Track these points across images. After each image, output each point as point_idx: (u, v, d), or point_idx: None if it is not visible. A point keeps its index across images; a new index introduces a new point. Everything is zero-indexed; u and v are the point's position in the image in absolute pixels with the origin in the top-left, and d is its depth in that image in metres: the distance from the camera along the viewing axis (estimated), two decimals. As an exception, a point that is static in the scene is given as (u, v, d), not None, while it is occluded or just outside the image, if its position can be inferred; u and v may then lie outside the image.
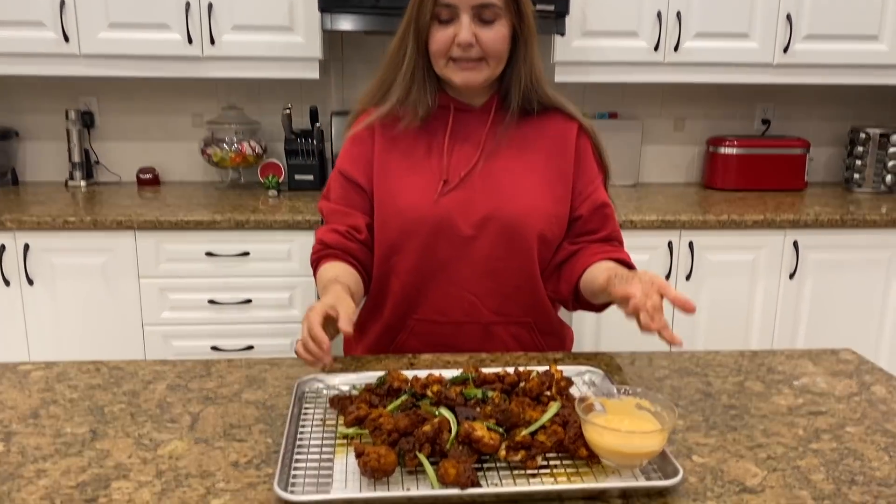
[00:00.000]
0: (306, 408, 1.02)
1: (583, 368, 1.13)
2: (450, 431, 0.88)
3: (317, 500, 0.80)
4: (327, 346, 0.99)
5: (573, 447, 0.88)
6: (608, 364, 1.21)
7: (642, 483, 0.84)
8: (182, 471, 0.87)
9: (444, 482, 0.81)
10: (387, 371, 1.05)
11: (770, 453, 0.93)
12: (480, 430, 0.86)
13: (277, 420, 1.00)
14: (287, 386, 1.11)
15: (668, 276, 2.42)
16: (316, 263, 1.31)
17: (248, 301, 2.35)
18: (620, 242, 1.36)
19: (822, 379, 1.16)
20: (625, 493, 0.82)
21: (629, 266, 1.27)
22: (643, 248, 2.38)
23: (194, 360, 1.20)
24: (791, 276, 2.46)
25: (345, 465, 0.88)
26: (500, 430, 0.89)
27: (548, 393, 1.00)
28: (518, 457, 0.86)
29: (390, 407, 0.96)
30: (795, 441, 0.96)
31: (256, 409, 1.04)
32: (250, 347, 2.39)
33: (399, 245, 1.28)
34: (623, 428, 0.85)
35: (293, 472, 0.85)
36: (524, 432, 0.88)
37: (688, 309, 1.00)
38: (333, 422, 0.98)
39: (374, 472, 0.82)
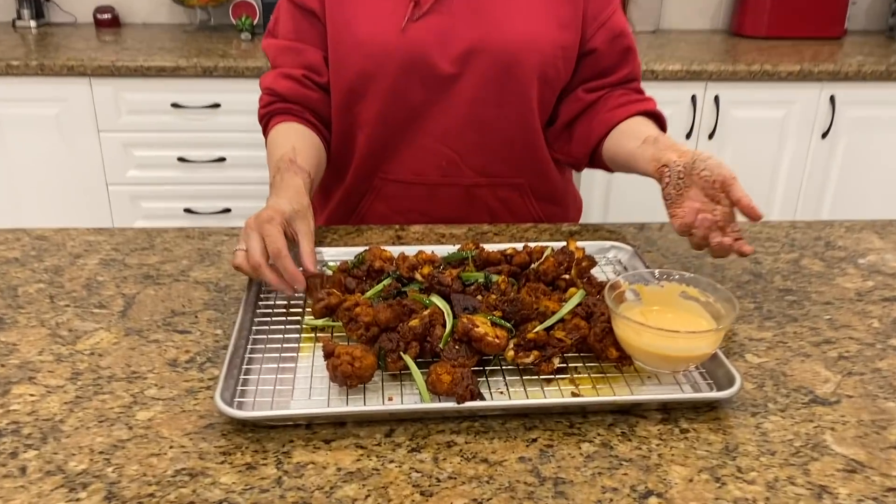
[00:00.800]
0: (266, 291, 0.83)
1: (606, 244, 0.94)
2: (444, 326, 0.69)
3: (270, 417, 0.61)
4: (302, 284, 0.77)
5: (600, 346, 0.69)
6: (635, 238, 1.01)
7: (689, 395, 0.66)
8: (104, 372, 0.69)
9: (435, 392, 0.63)
10: (367, 247, 0.85)
11: (842, 351, 0.75)
12: (482, 326, 0.68)
13: (232, 305, 0.82)
14: (246, 262, 0.91)
15: (689, 135, 2.19)
16: (266, 121, 1.06)
17: (222, 159, 2.12)
18: (639, 83, 1.12)
19: (892, 256, 0.97)
20: (665, 407, 0.65)
21: (659, 119, 1.05)
22: (663, 102, 2.05)
23: (136, 230, 1.00)
24: (824, 135, 2.23)
25: (310, 367, 0.70)
26: (508, 324, 0.70)
27: (566, 276, 0.80)
28: (530, 359, 0.68)
29: (369, 293, 0.76)
30: (871, 335, 0.78)
31: (207, 290, 0.85)
32: (227, 210, 2.18)
33: (360, 89, 1.03)
34: (666, 325, 0.66)
35: (243, 377, 0.67)
36: (538, 328, 0.69)
37: (754, 217, 0.81)
38: (300, 310, 0.79)
39: (346, 379, 0.64)
